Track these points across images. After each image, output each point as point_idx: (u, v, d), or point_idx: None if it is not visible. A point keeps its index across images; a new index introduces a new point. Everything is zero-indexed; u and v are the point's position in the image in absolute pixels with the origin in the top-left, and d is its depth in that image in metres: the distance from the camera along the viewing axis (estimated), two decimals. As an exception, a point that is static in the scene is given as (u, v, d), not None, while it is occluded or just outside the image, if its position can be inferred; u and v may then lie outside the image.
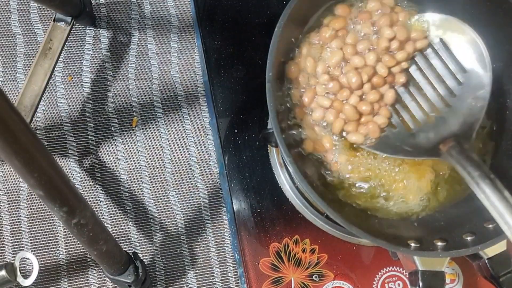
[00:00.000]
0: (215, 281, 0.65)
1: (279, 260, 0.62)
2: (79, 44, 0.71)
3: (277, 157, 0.65)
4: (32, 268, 0.55)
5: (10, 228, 0.64)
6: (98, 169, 0.67)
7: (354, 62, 0.50)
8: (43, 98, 0.63)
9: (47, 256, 0.64)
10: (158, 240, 0.66)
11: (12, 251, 0.64)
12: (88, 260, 0.64)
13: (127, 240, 0.65)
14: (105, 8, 0.72)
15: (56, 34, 0.63)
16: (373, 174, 0.51)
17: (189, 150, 0.69)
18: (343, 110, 0.50)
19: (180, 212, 0.67)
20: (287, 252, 0.62)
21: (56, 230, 0.65)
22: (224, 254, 0.66)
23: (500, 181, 0.40)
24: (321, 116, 0.50)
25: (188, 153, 0.69)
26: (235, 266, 0.66)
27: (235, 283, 0.65)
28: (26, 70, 0.69)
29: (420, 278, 0.45)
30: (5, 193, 0.65)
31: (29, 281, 0.54)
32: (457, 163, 0.43)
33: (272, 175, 0.65)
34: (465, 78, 0.50)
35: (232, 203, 0.64)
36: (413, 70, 0.51)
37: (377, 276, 0.62)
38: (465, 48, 0.51)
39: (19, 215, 0.65)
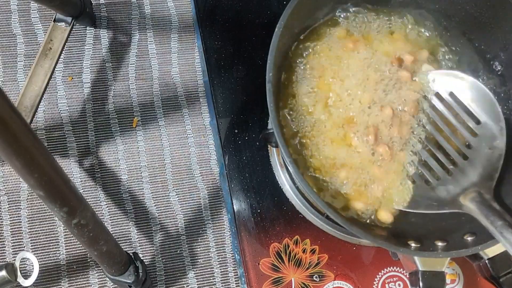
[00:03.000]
0: (215, 281, 0.65)
1: (280, 260, 0.62)
2: (79, 45, 0.71)
3: (277, 158, 0.65)
4: (33, 268, 0.55)
5: (11, 229, 0.64)
6: (99, 169, 0.67)
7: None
8: (43, 98, 0.63)
9: (47, 256, 0.64)
10: (159, 240, 0.66)
11: (13, 251, 0.64)
12: (89, 260, 0.64)
13: (128, 241, 0.65)
14: (105, 9, 0.72)
15: (57, 35, 0.63)
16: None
17: (190, 150, 0.69)
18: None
19: (180, 212, 0.67)
20: (288, 253, 0.62)
21: (57, 231, 0.65)
22: (225, 255, 0.66)
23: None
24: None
25: (189, 153, 0.69)
26: (235, 267, 0.66)
27: (236, 283, 0.65)
28: (27, 70, 0.69)
29: (420, 279, 0.45)
30: (6, 194, 0.65)
31: (29, 281, 0.54)
32: (480, 214, 0.43)
33: (272, 176, 0.65)
34: (480, 130, 0.50)
35: (232, 203, 0.64)
36: (427, 124, 0.52)
37: (377, 276, 0.62)
38: (475, 100, 0.51)
39: (20, 215, 0.65)
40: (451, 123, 0.51)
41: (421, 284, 0.45)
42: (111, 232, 0.59)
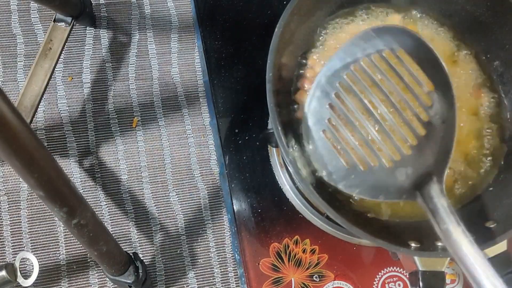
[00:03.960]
0: (215, 281, 0.65)
1: (280, 260, 0.62)
2: (79, 45, 0.71)
3: (277, 158, 0.65)
4: (33, 268, 0.55)
5: (11, 229, 0.64)
6: (98, 170, 0.67)
7: None
8: (43, 98, 0.63)
9: (47, 256, 0.64)
10: (159, 240, 0.66)
11: (13, 251, 0.64)
12: (89, 260, 0.64)
13: (127, 241, 0.65)
14: (105, 9, 0.72)
15: (56, 35, 0.63)
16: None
17: (190, 151, 0.69)
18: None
19: (180, 213, 0.67)
20: (288, 253, 0.62)
21: (57, 231, 0.65)
22: (225, 255, 0.66)
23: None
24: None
25: (189, 153, 0.69)
26: (235, 267, 0.66)
27: (236, 284, 0.65)
28: (27, 70, 0.69)
29: (420, 279, 0.45)
30: (6, 194, 0.65)
31: (29, 282, 0.54)
32: (427, 210, 0.41)
33: (272, 176, 0.65)
34: (433, 97, 0.45)
35: (232, 203, 0.64)
36: (375, 89, 0.46)
37: (377, 276, 0.62)
38: (423, 63, 0.46)
39: (20, 215, 0.65)
40: (405, 88, 0.45)
41: (421, 284, 0.45)
42: (111, 232, 0.60)
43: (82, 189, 0.66)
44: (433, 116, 0.45)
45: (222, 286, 0.65)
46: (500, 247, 0.45)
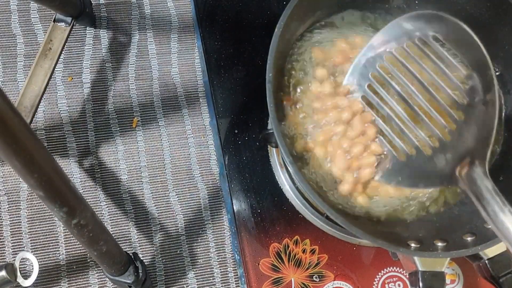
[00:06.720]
0: (215, 281, 0.65)
1: (279, 260, 0.62)
2: (79, 45, 0.71)
3: (277, 158, 0.65)
4: (32, 268, 0.55)
5: (10, 229, 0.64)
6: (98, 170, 0.67)
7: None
8: (43, 98, 0.63)
9: (47, 256, 0.64)
10: (158, 240, 0.66)
11: (12, 251, 0.64)
12: (88, 260, 0.64)
13: (127, 241, 0.65)
14: (105, 9, 0.72)
15: (56, 35, 0.63)
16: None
17: (189, 151, 0.69)
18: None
19: (180, 213, 0.67)
20: (287, 253, 0.62)
21: (56, 231, 0.65)
22: (224, 255, 0.66)
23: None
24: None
25: (188, 153, 0.69)
26: (235, 267, 0.66)
27: (235, 284, 0.65)
28: (26, 70, 0.69)
29: (420, 279, 0.45)
30: (5, 194, 0.65)
31: (29, 282, 0.54)
32: (472, 194, 0.39)
33: (272, 176, 0.65)
34: (471, 81, 0.45)
35: (232, 203, 0.64)
36: (413, 80, 0.46)
37: (377, 276, 0.62)
38: (460, 46, 0.46)
39: (19, 215, 0.65)
40: (441, 73, 0.46)
41: (421, 284, 0.45)
42: (111, 232, 0.60)
43: (82, 189, 0.66)
44: (473, 99, 0.44)
45: (222, 286, 0.65)
46: (500, 247, 0.45)
